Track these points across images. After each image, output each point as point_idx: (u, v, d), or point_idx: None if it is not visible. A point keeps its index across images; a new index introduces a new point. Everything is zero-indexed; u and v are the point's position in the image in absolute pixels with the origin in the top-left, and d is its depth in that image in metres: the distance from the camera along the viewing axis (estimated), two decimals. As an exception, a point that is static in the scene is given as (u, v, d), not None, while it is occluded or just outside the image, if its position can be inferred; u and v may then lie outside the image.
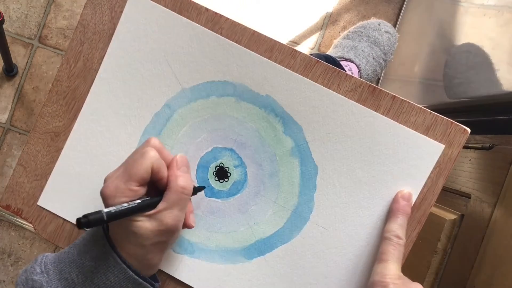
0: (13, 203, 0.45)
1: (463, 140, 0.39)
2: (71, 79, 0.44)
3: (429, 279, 0.56)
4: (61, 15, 1.12)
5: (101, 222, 0.31)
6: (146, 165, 0.34)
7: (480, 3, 0.61)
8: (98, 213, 0.31)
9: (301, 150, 0.41)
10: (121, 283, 0.34)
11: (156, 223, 0.34)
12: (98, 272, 0.34)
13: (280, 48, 0.41)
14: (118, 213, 0.32)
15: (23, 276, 0.35)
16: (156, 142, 0.36)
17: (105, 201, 0.34)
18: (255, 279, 0.42)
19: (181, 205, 0.35)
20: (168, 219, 0.34)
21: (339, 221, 0.41)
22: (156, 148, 0.35)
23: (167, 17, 0.42)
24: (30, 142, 0.45)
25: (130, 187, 0.33)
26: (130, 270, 0.34)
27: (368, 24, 0.93)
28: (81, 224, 0.30)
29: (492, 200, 0.49)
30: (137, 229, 0.33)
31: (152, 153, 0.34)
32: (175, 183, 0.35)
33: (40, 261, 0.36)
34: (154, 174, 0.34)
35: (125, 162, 0.35)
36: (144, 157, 0.34)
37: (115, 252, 0.34)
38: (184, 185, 0.35)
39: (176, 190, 0.34)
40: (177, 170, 0.35)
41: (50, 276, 0.34)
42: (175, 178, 0.35)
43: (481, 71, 0.57)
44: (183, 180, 0.35)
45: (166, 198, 0.34)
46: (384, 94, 0.40)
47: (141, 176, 0.34)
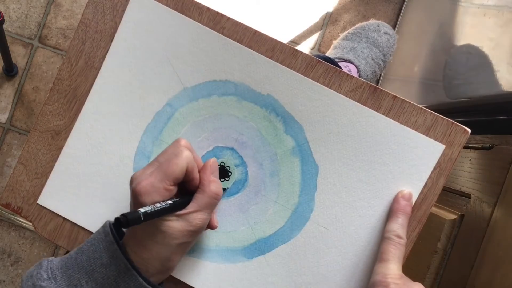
0: (13, 201, 0.45)
1: (464, 140, 0.40)
2: (72, 78, 0.44)
3: (429, 279, 0.56)
4: (61, 15, 1.12)
5: (139, 221, 0.31)
6: (182, 165, 0.34)
7: (480, 3, 0.61)
8: (135, 212, 0.31)
9: (302, 149, 0.41)
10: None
11: (185, 224, 0.34)
12: (108, 278, 0.33)
13: (281, 48, 0.41)
14: (154, 213, 0.32)
15: (29, 282, 0.34)
16: (186, 142, 0.36)
17: (138, 197, 0.34)
18: (255, 278, 0.42)
19: (211, 209, 0.36)
20: (197, 221, 0.35)
21: (339, 220, 0.41)
22: (188, 149, 0.36)
23: (169, 16, 0.42)
24: (30, 141, 0.45)
25: (165, 186, 0.34)
26: (140, 277, 0.34)
27: (367, 25, 0.93)
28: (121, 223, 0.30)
29: (492, 200, 0.49)
30: (167, 228, 0.34)
31: (187, 153, 0.35)
32: (209, 188, 0.35)
33: (46, 266, 0.35)
34: (187, 175, 0.35)
35: (156, 161, 0.35)
36: (180, 157, 0.34)
37: (126, 258, 0.34)
38: (217, 191, 0.36)
39: (210, 195, 0.35)
40: (211, 174, 0.36)
41: (58, 283, 0.34)
42: (208, 183, 0.36)
43: (481, 72, 0.57)
44: (216, 186, 0.36)
45: (197, 200, 0.35)
46: (385, 94, 0.40)
47: (177, 175, 0.34)
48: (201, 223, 0.35)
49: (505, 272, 0.44)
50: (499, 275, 0.44)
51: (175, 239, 0.34)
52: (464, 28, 0.66)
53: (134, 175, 0.35)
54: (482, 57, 0.57)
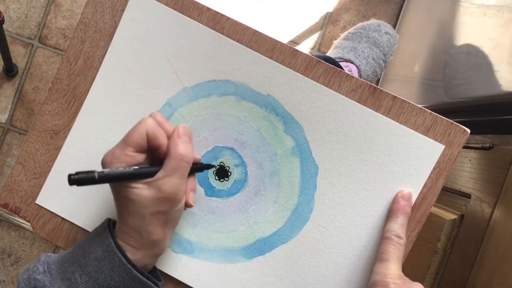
0: (11, 201, 0.45)
1: (463, 140, 0.40)
2: (71, 78, 0.44)
3: (429, 279, 0.56)
4: (61, 15, 1.12)
5: (93, 181, 0.31)
6: (141, 131, 0.34)
7: (480, 3, 0.61)
8: (90, 172, 0.31)
9: (301, 149, 0.41)
10: (125, 282, 0.34)
11: (154, 191, 0.33)
12: (102, 272, 0.33)
13: (281, 48, 0.41)
14: (111, 175, 0.32)
15: (25, 274, 0.35)
16: (157, 115, 0.36)
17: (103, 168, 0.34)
18: (255, 278, 0.42)
19: (180, 173, 0.34)
20: (166, 187, 0.34)
21: (339, 221, 0.41)
22: (156, 119, 0.35)
23: (168, 16, 0.42)
24: (29, 140, 0.45)
25: (126, 152, 0.34)
26: (134, 270, 0.34)
27: (368, 25, 0.93)
28: (71, 180, 0.30)
29: (492, 200, 0.49)
30: (136, 196, 0.33)
31: (149, 120, 0.35)
32: (174, 150, 0.34)
33: (43, 260, 0.35)
34: (151, 141, 0.35)
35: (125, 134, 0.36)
36: (140, 124, 0.34)
37: (120, 252, 0.34)
38: (183, 152, 0.34)
39: (175, 157, 0.34)
40: (178, 138, 0.35)
41: (53, 276, 0.34)
42: (174, 146, 0.35)
43: (481, 71, 0.57)
44: (182, 148, 0.35)
45: (165, 166, 0.34)
46: (384, 94, 0.40)
47: (136, 141, 0.34)
48: (170, 189, 0.34)
49: (505, 272, 0.44)
50: (499, 275, 0.44)
51: (146, 207, 0.33)
52: (464, 28, 0.66)
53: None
54: (482, 57, 0.57)
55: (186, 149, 0.35)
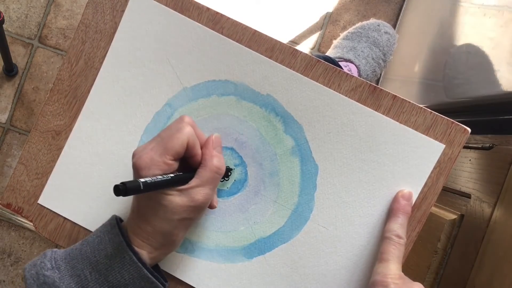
0: (14, 201, 0.45)
1: (464, 140, 0.40)
2: (72, 78, 0.44)
3: (429, 279, 0.56)
4: (61, 15, 1.12)
5: (138, 190, 0.31)
6: (183, 139, 0.34)
7: (480, 3, 0.61)
8: (135, 182, 0.31)
9: (301, 149, 0.41)
10: (134, 281, 0.34)
11: (187, 199, 0.34)
12: (112, 270, 0.34)
13: (281, 48, 0.41)
14: (154, 184, 0.32)
15: (32, 270, 0.35)
16: (190, 119, 0.36)
17: (138, 171, 0.34)
18: (255, 278, 0.42)
19: (213, 184, 0.36)
20: (199, 196, 0.34)
21: (339, 220, 0.41)
22: (190, 125, 0.36)
23: (168, 16, 0.42)
24: (31, 141, 0.45)
25: (165, 160, 0.34)
26: (144, 269, 0.34)
27: (368, 24, 0.93)
28: (118, 191, 0.30)
29: (492, 200, 0.49)
30: (168, 202, 0.34)
31: (189, 128, 0.35)
32: (211, 162, 0.35)
33: (50, 256, 0.36)
34: (189, 150, 0.35)
35: (158, 136, 0.35)
36: (181, 132, 0.34)
37: (131, 250, 0.34)
38: (219, 165, 0.36)
39: (211, 169, 0.35)
40: (213, 149, 0.36)
41: (62, 272, 0.34)
42: (210, 157, 0.35)
43: (481, 71, 0.57)
44: (218, 160, 0.36)
45: (199, 175, 0.35)
46: (384, 94, 0.40)
47: (177, 150, 0.34)
48: (202, 199, 0.35)
49: (505, 272, 0.44)
50: (499, 275, 0.44)
51: (176, 214, 0.34)
52: (464, 28, 0.66)
53: (135, 150, 0.35)
54: (482, 57, 0.57)
55: (221, 161, 0.36)
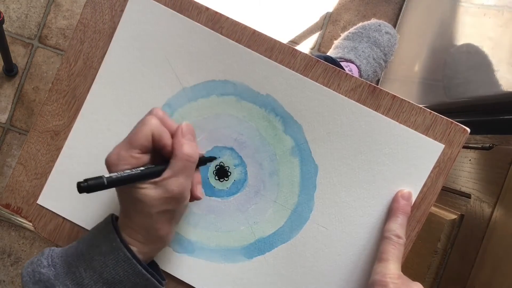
0: (13, 201, 0.45)
1: (463, 139, 0.40)
2: (71, 78, 0.44)
3: (429, 279, 0.56)
4: (61, 15, 1.12)
5: (102, 187, 0.31)
6: (146, 132, 0.34)
7: (480, 3, 0.61)
8: (99, 178, 0.31)
9: (301, 149, 0.41)
10: (129, 277, 0.34)
11: (161, 191, 0.34)
12: (107, 266, 0.34)
13: (280, 48, 0.41)
14: (120, 179, 0.32)
15: (29, 268, 0.35)
16: (158, 111, 0.36)
17: (108, 169, 0.34)
18: (255, 278, 0.42)
19: (186, 173, 0.35)
20: (173, 187, 0.34)
21: (339, 220, 0.41)
22: (158, 116, 0.35)
23: (168, 16, 0.42)
24: (30, 141, 0.45)
25: (131, 154, 0.34)
26: (139, 265, 0.34)
27: (369, 25, 0.93)
28: (81, 188, 0.30)
29: (492, 200, 0.49)
30: (143, 196, 0.33)
31: (153, 120, 0.34)
32: (180, 151, 0.34)
33: (47, 254, 0.36)
34: (156, 142, 0.35)
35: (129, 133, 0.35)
36: (145, 124, 0.34)
37: (125, 247, 0.34)
38: (189, 152, 0.34)
39: (181, 157, 0.34)
40: (182, 137, 0.35)
41: (57, 270, 0.34)
42: (180, 146, 0.35)
43: (481, 71, 0.57)
44: (188, 148, 0.35)
45: (171, 166, 0.34)
46: (384, 94, 0.40)
47: (142, 143, 0.34)
48: (177, 189, 0.34)
49: (505, 272, 0.44)
50: (499, 275, 0.44)
51: (153, 207, 0.34)
52: (464, 28, 0.66)
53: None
54: (482, 57, 0.57)
55: (192, 148, 0.35)
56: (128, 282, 0.34)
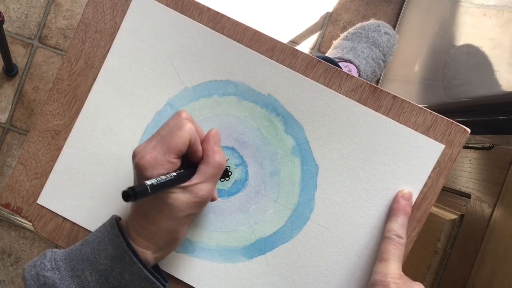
0: (13, 201, 0.45)
1: (463, 140, 0.40)
2: (72, 78, 0.44)
3: (429, 279, 0.56)
4: (61, 15, 1.12)
5: (146, 194, 0.31)
6: (185, 137, 0.34)
7: (480, 3, 0.61)
8: (142, 185, 0.31)
9: (302, 149, 0.41)
10: (135, 281, 0.34)
11: (190, 196, 0.34)
12: (113, 271, 0.34)
13: (281, 48, 0.41)
14: (160, 185, 0.32)
15: (32, 271, 0.34)
16: (188, 115, 0.36)
17: (142, 172, 0.33)
18: (256, 278, 0.42)
19: (215, 179, 0.36)
20: (203, 192, 0.35)
21: (339, 220, 0.41)
22: (190, 121, 0.35)
23: (169, 16, 0.42)
24: (30, 141, 0.45)
25: (169, 159, 0.34)
26: (145, 270, 0.34)
27: (368, 25, 0.93)
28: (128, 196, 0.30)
29: (492, 200, 0.49)
30: (173, 200, 0.34)
31: (189, 125, 0.34)
32: (213, 158, 0.35)
33: (50, 257, 0.35)
34: (190, 147, 0.35)
35: (158, 135, 0.35)
36: (182, 130, 0.34)
37: (131, 251, 0.34)
38: (221, 161, 0.36)
39: (214, 165, 0.35)
40: (214, 145, 0.36)
41: (62, 273, 0.34)
42: (213, 153, 0.35)
43: (481, 72, 0.57)
44: (219, 156, 0.36)
45: (201, 172, 0.35)
46: (384, 94, 0.40)
47: (180, 148, 0.34)
48: (206, 194, 0.35)
49: (505, 272, 0.44)
50: (499, 275, 0.44)
51: (182, 211, 0.34)
52: (464, 28, 0.66)
53: (136, 149, 0.35)
54: (482, 57, 0.57)
55: (222, 156, 0.36)
56: (134, 286, 0.34)
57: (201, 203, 0.35)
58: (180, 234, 0.36)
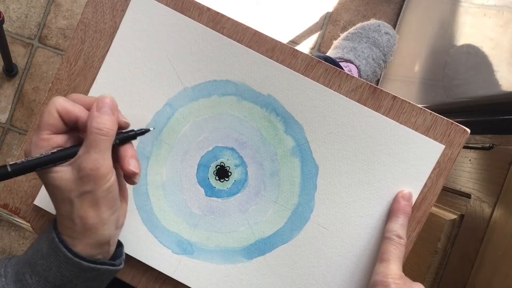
0: (11, 202, 0.45)
1: (463, 140, 0.40)
2: (71, 78, 0.44)
3: (429, 279, 0.56)
4: (61, 15, 1.12)
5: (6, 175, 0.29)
6: (50, 109, 0.32)
7: (480, 3, 0.61)
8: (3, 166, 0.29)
9: (302, 149, 0.41)
10: (78, 275, 0.32)
11: (75, 171, 0.31)
12: (50, 270, 0.32)
13: (281, 48, 0.41)
14: (27, 165, 0.30)
15: None
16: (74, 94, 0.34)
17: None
18: (255, 279, 0.42)
19: (98, 147, 0.31)
20: (85, 164, 0.31)
21: (339, 221, 0.41)
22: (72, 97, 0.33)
23: (169, 16, 0.42)
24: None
25: (41, 137, 0.32)
26: (84, 262, 0.32)
27: (368, 25, 0.93)
28: None
29: (492, 200, 0.49)
30: (58, 181, 0.31)
31: (57, 98, 0.32)
32: (90, 124, 0.32)
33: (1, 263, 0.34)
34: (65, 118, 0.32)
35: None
36: (48, 104, 0.32)
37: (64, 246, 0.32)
38: (98, 125, 0.31)
39: (91, 131, 0.31)
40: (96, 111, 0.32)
41: (7, 279, 0.33)
42: (91, 119, 0.32)
43: (481, 72, 0.57)
44: (98, 120, 0.32)
45: (84, 143, 0.32)
46: (384, 94, 0.40)
47: (47, 121, 0.32)
48: (90, 165, 0.31)
49: (505, 272, 0.44)
50: (499, 275, 0.44)
51: (70, 191, 0.31)
52: (464, 28, 0.66)
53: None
54: (482, 57, 0.57)
55: (103, 120, 0.32)
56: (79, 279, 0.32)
57: (89, 177, 0.31)
58: (87, 219, 0.32)
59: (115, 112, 0.33)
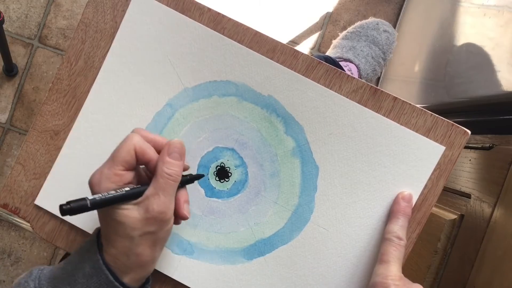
0: (11, 201, 0.45)
1: (464, 141, 0.40)
2: (71, 78, 0.44)
3: (429, 279, 0.56)
4: (61, 15, 1.12)
5: (85, 209, 0.30)
6: (128, 147, 0.33)
7: (480, 3, 0.61)
8: (82, 200, 0.30)
9: (302, 150, 0.41)
10: None
11: (142, 211, 0.32)
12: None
13: (282, 49, 0.41)
14: (104, 200, 0.31)
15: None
16: (140, 129, 0.35)
17: (91, 189, 0.33)
18: (255, 279, 0.42)
19: (167, 191, 0.33)
20: (154, 205, 0.32)
21: (339, 222, 0.41)
22: (141, 134, 0.35)
23: (170, 16, 0.42)
24: (29, 141, 0.45)
25: (115, 172, 0.33)
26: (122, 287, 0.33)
27: (367, 23, 0.93)
28: (63, 211, 0.29)
29: (492, 200, 0.49)
30: (124, 218, 0.32)
31: (136, 136, 0.34)
32: (160, 168, 0.33)
33: (35, 276, 0.34)
34: (140, 157, 0.34)
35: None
36: (126, 141, 0.33)
37: (107, 269, 0.33)
38: (169, 172, 0.33)
39: (162, 175, 0.33)
40: (167, 155, 0.34)
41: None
42: (162, 164, 0.33)
43: (481, 71, 0.57)
44: (168, 166, 0.33)
45: (153, 184, 0.33)
46: (385, 95, 0.40)
47: (124, 158, 0.33)
48: (158, 208, 0.32)
49: (505, 272, 0.44)
50: (499, 275, 0.44)
51: (135, 229, 0.32)
52: (464, 28, 0.66)
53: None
54: (482, 57, 0.57)
55: (173, 166, 0.34)
56: None
57: (155, 219, 0.33)
58: (141, 256, 0.33)
59: (183, 157, 0.35)
